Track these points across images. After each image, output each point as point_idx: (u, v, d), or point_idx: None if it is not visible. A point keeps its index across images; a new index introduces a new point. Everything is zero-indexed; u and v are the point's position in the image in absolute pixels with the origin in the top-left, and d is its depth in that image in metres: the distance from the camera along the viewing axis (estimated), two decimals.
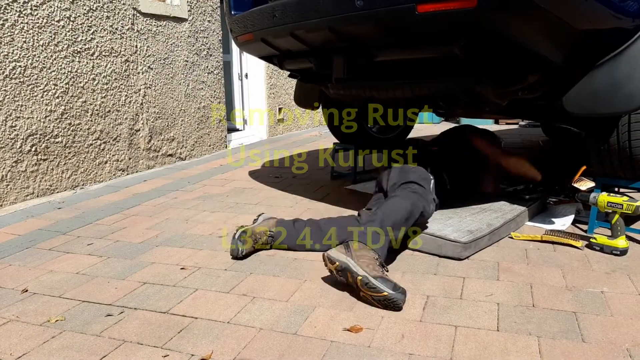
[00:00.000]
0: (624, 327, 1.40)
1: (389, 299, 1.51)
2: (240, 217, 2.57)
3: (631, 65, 1.83)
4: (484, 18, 1.60)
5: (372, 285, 1.53)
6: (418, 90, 2.20)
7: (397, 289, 1.53)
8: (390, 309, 1.53)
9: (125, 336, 1.42)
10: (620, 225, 1.94)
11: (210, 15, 4.59)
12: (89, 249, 2.16)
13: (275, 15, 2.10)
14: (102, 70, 3.49)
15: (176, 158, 4.26)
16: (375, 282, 1.53)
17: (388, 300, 1.51)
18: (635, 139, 1.95)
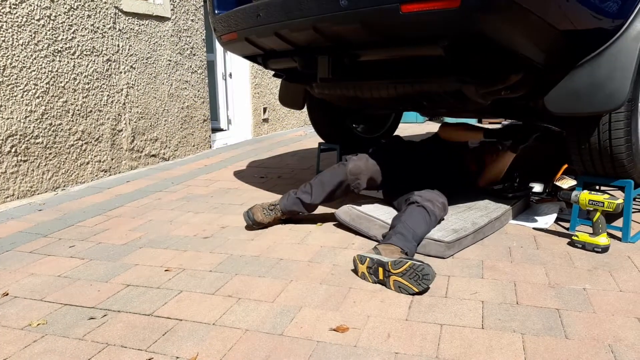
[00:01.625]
0: (606, 323, 1.42)
1: (416, 267, 1.59)
2: (225, 218, 2.55)
3: (611, 65, 1.85)
4: (467, 18, 1.61)
5: (398, 261, 1.63)
6: (402, 90, 2.21)
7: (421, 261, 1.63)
8: (423, 282, 1.59)
9: (108, 339, 1.40)
10: (601, 222, 1.96)
11: (193, 14, 4.56)
12: (71, 251, 2.13)
13: (260, 14, 2.09)
14: (83, 70, 3.44)
15: (159, 158, 4.22)
16: (402, 258, 1.66)
17: (415, 269, 1.59)
18: (616, 137, 1.98)
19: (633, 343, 1.32)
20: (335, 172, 2.30)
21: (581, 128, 2.07)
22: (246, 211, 2.32)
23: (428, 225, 1.99)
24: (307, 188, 2.31)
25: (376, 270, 1.69)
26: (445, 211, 2.12)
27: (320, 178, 2.33)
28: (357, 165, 2.28)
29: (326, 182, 2.30)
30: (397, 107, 2.61)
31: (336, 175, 2.29)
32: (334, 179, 2.29)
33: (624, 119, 1.96)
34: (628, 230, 2.07)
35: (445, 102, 2.25)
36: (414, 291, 1.61)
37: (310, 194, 2.29)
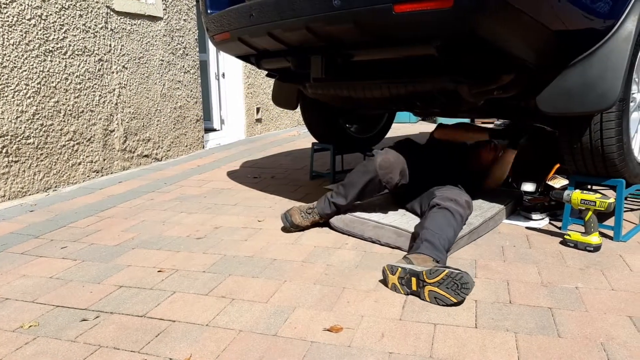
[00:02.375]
0: (598, 321, 1.43)
1: (454, 276, 1.52)
2: (218, 218, 2.54)
3: (603, 66, 1.87)
4: (460, 18, 1.61)
5: (434, 270, 1.56)
6: (395, 90, 2.21)
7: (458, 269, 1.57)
8: (462, 292, 1.52)
9: (101, 341, 1.39)
10: (593, 222, 1.98)
11: (186, 14, 4.54)
12: (63, 252, 2.12)
13: (252, 14, 2.09)
14: (75, 70, 3.42)
15: (152, 159, 4.21)
16: (437, 266, 1.60)
17: (453, 278, 1.52)
18: (607, 137, 2.00)
19: (625, 341, 1.33)
20: (364, 170, 2.23)
21: (573, 128, 2.08)
22: (284, 213, 2.28)
23: (455, 227, 1.91)
24: (340, 190, 2.27)
25: (409, 281, 1.61)
26: (470, 209, 2.05)
27: (350, 178, 2.27)
28: (386, 159, 2.19)
29: (356, 181, 2.23)
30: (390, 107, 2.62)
31: (366, 173, 2.21)
32: (364, 176, 2.21)
33: (615, 118, 1.97)
34: (620, 229, 2.08)
35: (438, 102, 2.25)
36: (452, 302, 1.53)
37: (345, 196, 2.24)
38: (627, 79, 1.96)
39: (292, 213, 2.27)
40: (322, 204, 2.30)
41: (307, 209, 2.30)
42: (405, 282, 1.62)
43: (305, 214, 2.28)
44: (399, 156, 2.22)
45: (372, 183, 2.20)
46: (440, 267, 1.58)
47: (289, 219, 2.25)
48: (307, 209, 2.30)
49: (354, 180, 2.24)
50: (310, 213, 2.29)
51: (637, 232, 2.18)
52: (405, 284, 1.62)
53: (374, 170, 2.18)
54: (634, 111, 2.16)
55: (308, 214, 2.28)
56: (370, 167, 2.20)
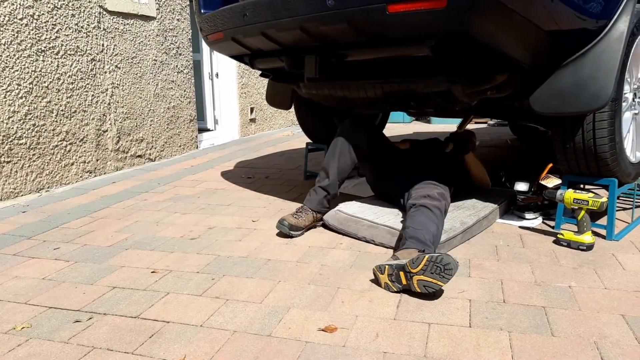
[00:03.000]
0: (591, 320, 1.44)
1: (435, 259, 1.53)
2: (212, 219, 2.54)
3: (595, 66, 1.88)
4: (454, 18, 1.62)
5: (415, 258, 1.57)
6: (389, 90, 2.21)
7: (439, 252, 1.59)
8: (446, 274, 1.52)
9: (94, 342, 1.39)
10: (586, 221, 1.99)
11: (179, 13, 4.53)
12: (56, 253, 2.10)
13: (246, 14, 2.08)
14: (67, 70, 3.40)
15: (145, 159, 4.19)
16: (419, 254, 1.61)
17: (434, 261, 1.52)
18: (600, 137, 2.01)
19: (618, 340, 1.33)
20: (332, 142, 2.34)
21: (566, 128, 2.10)
22: (279, 221, 2.21)
23: (435, 221, 1.92)
24: (320, 174, 2.33)
25: (398, 276, 1.61)
26: (445, 199, 2.06)
27: (325, 159, 2.34)
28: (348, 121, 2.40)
29: (329, 157, 2.33)
30: (384, 107, 2.62)
31: (334, 144, 2.35)
32: (333, 147, 2.34)
33: (607, 118, 1.99)
34: (612, 228, 2.09)
35: (432, 102, 2.26)
36: (439, 286, 1.54)
37: (326, 176, 2.31)
38: (619, 79, 1.97)
39: (286, 217, 2.23)
40: (309, 196, 2.32)
41: (297, 210, 2.29)
42: (395, 277, 1.62)
43: (298, 214, 2.25)
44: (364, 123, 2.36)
45: (344, 153, 2.31)
46: (421, 254, 1.59)
47: (285, 222, 2.19)
48: (297, 210, 2.29)
49: (328, 157, 2.34)
50: (301, 212, 2.27)
51: (629, 231, 2.20)
52: (395, 280, 1.62)
53: (339, 135, 2.32)
54: (626, 111, 2.17)
55: (300, 212, 2.26)
56: (336, 136, 2.34)
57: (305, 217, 2.26)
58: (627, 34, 1.91)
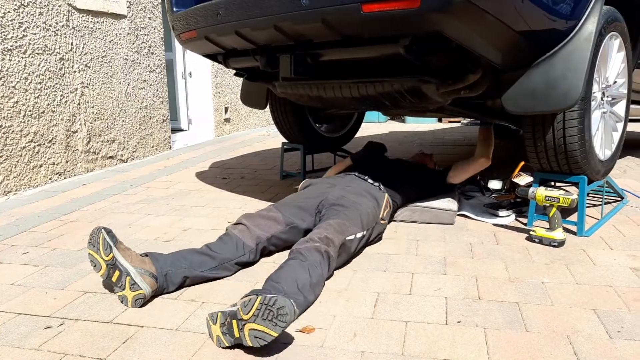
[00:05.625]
0: (564, 315, 1.47)
1: (267, 302, 1.25)
2: (186, 220, 2.50)
3: (565, 65, 1.92)
4: (427, 19, 1.63)
5: (247, 301, 1.28)
6: (365, 90, 2.22)
7: (275, 294, 1.30)
8: (279, 320, 1.24)
9: (66, 349, 1.35)
10: (557, 218, 2.03)
11: (150, 12, 4.46)
12: (25, 258, 2.04)
13: (219, 12, 2.06)
14: (35, 69, 3.30)
15: (117, 160, 4.11)
16: (253, 296, 1.29)
17: (267, 304, 1.24)
18: (570, 135, 2.05)
19: (590, 334, 1.36)
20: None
21: (537, 126, 2.13)
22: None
23: (308, 267, 1.57)
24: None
25: (230, 326, 1.30)
26: (330, 244, 1.71)
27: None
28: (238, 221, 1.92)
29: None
30: (359, 107, 2.63)
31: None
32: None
33: (577, 117, 2.03)
34: (582, 225, 2.14)
35: (406, 102, 2.27)
36: (272, 336, 1.24)
37: None
38: (588, 78, 2.02)
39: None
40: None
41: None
42: (227, 329, 1.31)
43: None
44: (258, 219, 1.95)
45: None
46: (254, 294, 1.34)
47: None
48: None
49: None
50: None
51: (599, 227, 2.25)
52: (227, 331, 1.31)
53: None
54: (595, 110, 2.22)
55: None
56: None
57: None
58: (596, 34, 1.96)
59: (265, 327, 1.24)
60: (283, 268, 1.58)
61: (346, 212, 1.93)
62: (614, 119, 2.51)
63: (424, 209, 2.35)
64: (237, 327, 1.29)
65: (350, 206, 1.98)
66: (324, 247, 1.67)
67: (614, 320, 1.43)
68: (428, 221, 2.35)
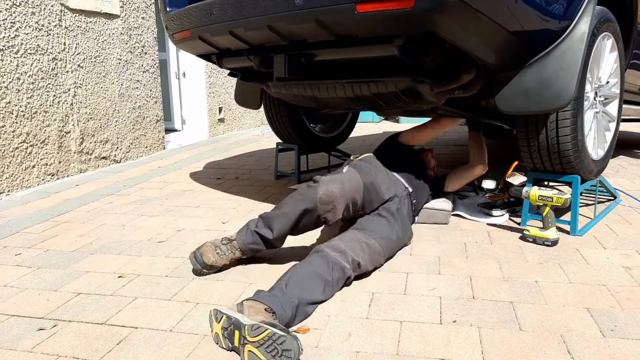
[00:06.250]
0: (557, 314, 1.47)
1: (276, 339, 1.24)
2: (180, 221, 2.49)
3: (558, 65, 1.92)
4: (421, 19, 1.63)
5: (257, 326, 1.27)
6: (359, 90, 2.22)
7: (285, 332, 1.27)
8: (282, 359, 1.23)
9: (59, 351, 1.34)
10: (551, 217, 2.04)
11: (144, 11, 4.44)
12: (17, 259, 2.03)
13: (213, 12, 2.05)
14: (27, 69, 3.28)
15: (110, 160, 4.09)
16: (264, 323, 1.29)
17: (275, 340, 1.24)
18: (563, 135, 2.06)
19: (583, 333, 1.37)
20: (300, 198, 1.85)
21: (530, 126, 2.14)
22: (193, 252, 1.83)
23: (327, 286, 1.57)
24: (266, 220, 1.85)
25: (232, 334, 1.31)
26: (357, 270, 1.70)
27: (283, 207, 1.86)
28: (330, 192, 1.83)
29: (289, 211, 1.83)
30: (354, 107, 2.63)
31: (302, 201, 1.83)
32: (300, 205, 1.82)
33: (570, 117, 2.04)
34: (576, 224, 2.15)
35: (400, 102, 2.27)
36: None
37: (272, 229, 1.82)
38: (581, 78, 2.03)
39: (203, 251, 1.80)
40: (244, 235, 1.85)
41: (224, 240, 1.85)
42: (228, 334, 1.32)
43: (222, 249, 1.82)
44: (347, 187, 1.88)
45: (309, 216, 1.84)
46: (266, 324, 1.28)
47: (199, 258, 1.79)
48: (224, 240, 1.85)
49: (287, 209, 1.84)
50: (227, 245, 1.83)
51: (592, 226, 2.26)
52: (227, 337, 1.32)
53: (313, 201, 1.82)
54: (587, 110, 2.23)
55: (225, 245, 1.83)
56: (309, 196, 1.83)
57: (231, 255, 1.84)
58: (589, 35, 1.97)
59: (266, 358, 1.24)
60: (302, 271, 1.57)
61: (387, 242, 1.87)
62: (607, 118, 2.53)
63: None
64: (238, 339, 1.30)
65: (395, 236, 1.92)
66: (349, 272, 1.66)
67: (607, 319, 1.44)
68: (422, 221, 2.36)
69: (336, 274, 1.62)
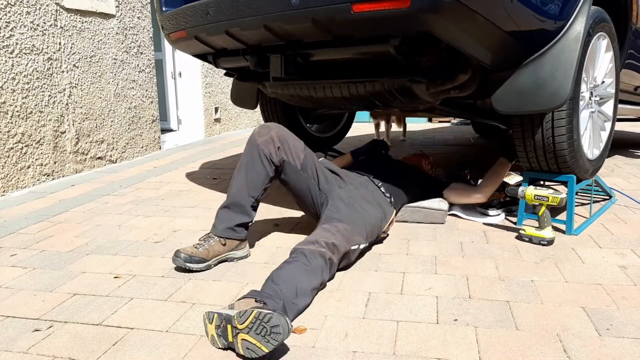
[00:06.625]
0: (553, 313, 1.48)
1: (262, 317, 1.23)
2: (177, 221, 2.49)
3: (554, 65, 1.93)
4: (417, 19, 1.64)
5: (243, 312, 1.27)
6: (355, 89, 2.22)
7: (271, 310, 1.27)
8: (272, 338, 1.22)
9: (55, 352, 1.34)
10: (546, 216, 2.04)
11: (139, 11, 4.43)
12: (13, 260, 2.02)
13: (209, 12, 2.05)
14: (22, 69, 3.27)
15: (106, 161, 4.08)
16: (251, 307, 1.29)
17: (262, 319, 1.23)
18: (559, 135, 2.07)
19: (579, 332, 1.37)
20: (248, 154, 1.89)
21: (526, 126, 2.15)
22: (174, 254, 1.82)
23: (310, 272, 1.57)
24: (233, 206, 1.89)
25: (225, 330, 1.30)
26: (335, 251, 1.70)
27: (238, 174, 1.91)
28: (266, 125, 1.91)
29: (239, 168, 1.90)
30: (350, 107, 2.63)
31: (247, 152, 1.90)
32: (245, 156, 1.89)
33: (566, 117, 2.05)
34: (571, 223, 2.16)
35: (397, 102, 2.28)
36: (263, 351, 1.22)
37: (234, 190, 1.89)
38: (577, 78, 2.04)
39: (183, 249, 1.82)
40: (218, 222, 1.90)
41: (200, 240, 1.88)
42: (222, 332, 1.31)
43: (200, 243, 1.86)
44: (283, 130, 1.93)
45: (255, 164, 1.86)
46: (252, 307, 1.29)
47: (179, 254, 1.80)
48: (200, 240, 1.88)
49: (239, 167, 1.90)
50: (205, 239, 1.87)
51: (587, 225, 2.27)
52: (221, 334, 1.31)
53: (253, 140, 1.87)
54: (583, 109, 2.24)
55: (202, 240, 1.87)
56: (250, 140, 1.89)
57: (210, 244, 1.86)
58: (584, 35, 1.97)
59: (257, 341, 1.23)
60: (284, 268, 1.57)
61: (354, 219, 1.89)
62: (602, 118, 2.54)
63: (414, 208, 2.36)
64: (231, 333, 1.29)
65: (359, 212, 1.94)
66: (328, 254, 1.66)
67: (603, 318, 1.45)
68: (419, 221, 2.36)
69: (316, 261, 1.61)
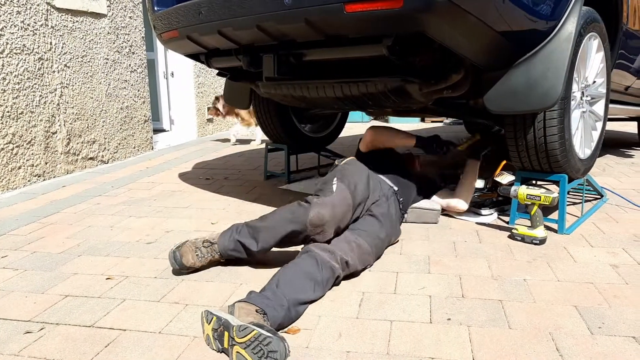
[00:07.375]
0: (546, 312, 1.49)
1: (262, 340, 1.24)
2: (169, 222, 2.48)
3: (545, 65, 1.94)
4: (410, 19, 1.64)
5: (244, 327, 1.27)
6: (348, 90, 2.22)
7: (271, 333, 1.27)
8: None
9: (46, 354, 1.32)
10: (539, 216, 2.05)
11: (131, 11, 4.41)
12: (3, 261, 2.00)
13: (202, 12, 2.04)
14: (13, 69, 3.24)
15: (98, 161, 4.05)
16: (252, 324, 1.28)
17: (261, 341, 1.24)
18: (550, 134, 2.08)
19: (571, 330, 1.38)
20: (291, 218, 1.80)
21: (518, 126, 2.16)
22: (173, 250, 1.81)
23: (316, 285, 1.57)
24: (252, 230, 1.82)
25: (221, 335, 1.31)
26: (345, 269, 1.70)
27: (271, 221, 1.83)
28: (320, 216, 1.77)
29: (276, 227, 1.80)
30: (343, 107, 2.63)
31: (292, 222, 1.79)
32: (289, 225, 1.79)
33: (557, 116, 2.06)
34: (563, 223, 2.17)
35: (390, 102, 2.28)
36: None
37: (257, 240, 1.79)
38: (568, 78, 2.05)
39: (183, 252, 1.80)
40: (226, 240, 1.83)
41: (205, 242, 1.83)
42: (218, 335, 1.32)
43: (202, 251, 1.81)
44: (338, 211, 1.82)
45: (296, 235, 1.80)
46: (253, 325, 1.27)
47: (178, 258, 1.78)
48: (205, 242, 1.83)
49: (275, 224, 1.81)
50: (208, 248, 1.82)
51: (579, 224, 2.28)
52: (217, 338, 1.32)
53: (303, 224, 1.77)
54: (574, 109, 2.25)
55: (205, 248, 1.82)
56: (299, 218, 1.79)
57: (210, 257, 1.84)
58: (575, 35, 1.99)
59: (252, 359, 1.24)
60: (292, 271, 1.58)
61: (376, 241, 1.88)
62: (594, 118, 2.55)
63: None
64: (227, 340, 1.29)
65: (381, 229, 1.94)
66: (338, 272, 1.66)
67: (595, 317, 1.46)
68: (412, 220, 2.36)
69: (326, 274, 1.61)
